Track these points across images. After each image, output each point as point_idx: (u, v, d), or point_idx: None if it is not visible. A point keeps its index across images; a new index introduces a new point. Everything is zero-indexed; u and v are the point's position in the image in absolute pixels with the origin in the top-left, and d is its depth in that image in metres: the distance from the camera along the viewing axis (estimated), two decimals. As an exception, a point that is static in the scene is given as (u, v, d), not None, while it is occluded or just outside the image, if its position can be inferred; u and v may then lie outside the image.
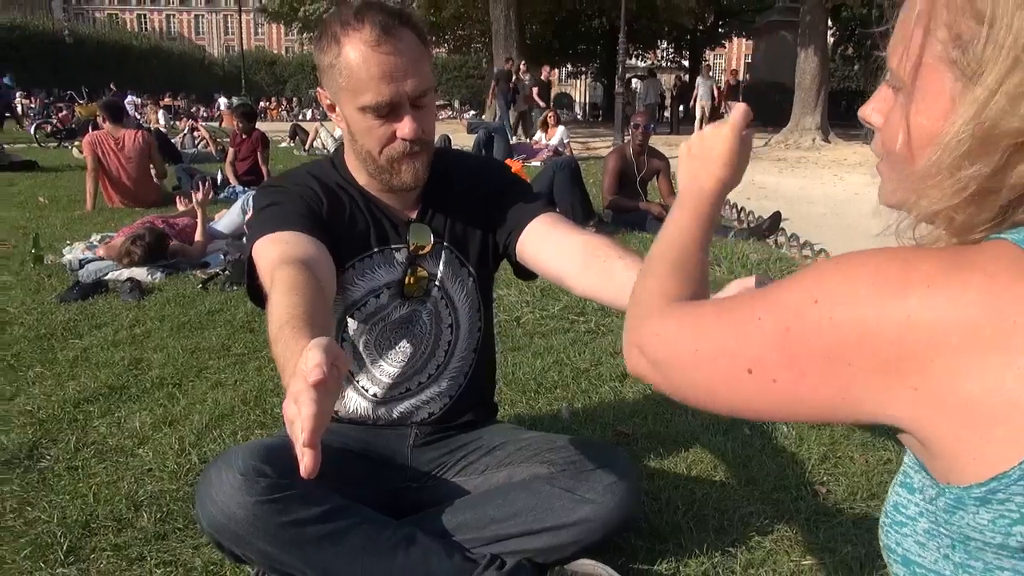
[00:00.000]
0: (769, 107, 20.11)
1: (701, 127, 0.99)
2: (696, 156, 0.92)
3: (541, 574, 1.41)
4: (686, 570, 1.56)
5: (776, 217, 5.52)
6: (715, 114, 16.51)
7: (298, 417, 0.63)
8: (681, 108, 20.36)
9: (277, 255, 1.15)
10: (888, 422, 0.56)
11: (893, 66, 0.61)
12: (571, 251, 1.34)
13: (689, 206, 0.88)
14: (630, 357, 0.75)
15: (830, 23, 18.89)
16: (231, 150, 7.68)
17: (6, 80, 23.30)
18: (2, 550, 1.60)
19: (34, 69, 33.34)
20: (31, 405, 2.37)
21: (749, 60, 33.20)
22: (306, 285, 1.03)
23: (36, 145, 14.14)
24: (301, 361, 0.67)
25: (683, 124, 19.60)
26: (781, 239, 5.34)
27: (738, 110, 0.94)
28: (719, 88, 17.83)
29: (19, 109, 22.89)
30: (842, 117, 18.15)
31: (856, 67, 32.32)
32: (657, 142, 6.43)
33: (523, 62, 15.78)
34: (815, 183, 9.20)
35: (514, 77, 14.66)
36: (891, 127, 0.62)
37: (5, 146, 10.63)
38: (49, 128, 15.43)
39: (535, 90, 14.58)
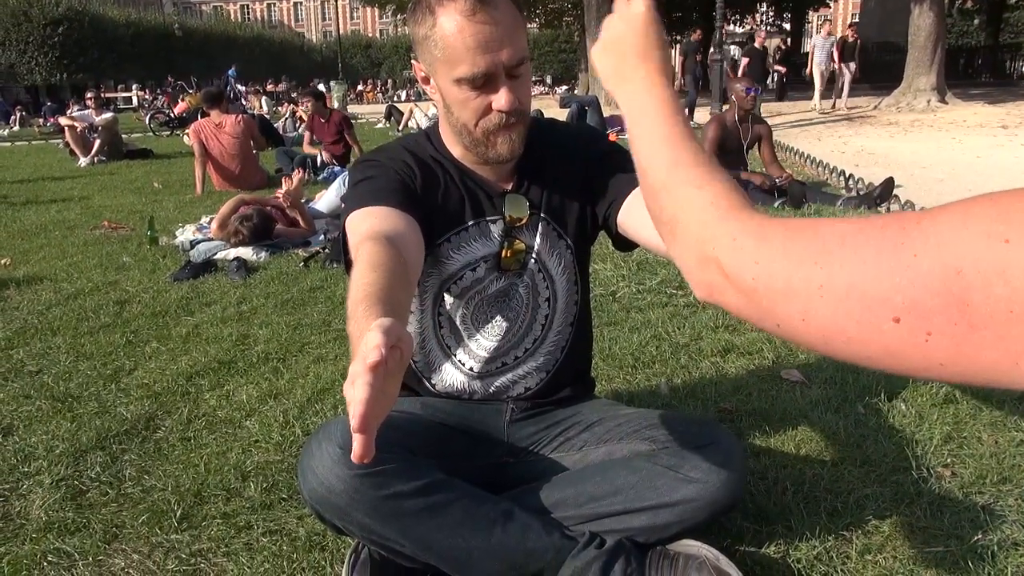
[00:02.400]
0: (879, 68, 18.94)
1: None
2: (613, 50, 0.80)
3: (642, 554, 1.36)
4: (796, 553, 1.48)
5: (889, 183, 5.19)
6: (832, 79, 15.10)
7: (353, 400, 0.61)
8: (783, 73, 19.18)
9: (365, 230, 1.14)
10: None
11: None
12: None
13: (652, 108, 0.75)
14: (702, 282, 0.63)
15: (947, -25, 17.61)
16: (307, 133, 8.15)
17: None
18: (123, 516, 1.69)
19: (149, 62, 35.24)
20: (148, 378, 2.50)
21: (856, 19, 31.43)
22: (388, 262, 1.01)
23: (151, 134, 15.02)
24: (363, 342, 0.65)
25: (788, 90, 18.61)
26: (895, 207, 5.02)
27: None
28: (838, 47, 15.06)
29: (135, 101, 24.36)
30: (960, 76, 16.95)
31: (976, 21, 30.11)
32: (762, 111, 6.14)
33: (723, 29, 13.39)
34: (931, 147, 8.61)
35: (711, 50, 12.78)
36: None
37: (123, 136, 11.29)
38: (162, 118, 16.34)
39: (745, 62, 12.52)
